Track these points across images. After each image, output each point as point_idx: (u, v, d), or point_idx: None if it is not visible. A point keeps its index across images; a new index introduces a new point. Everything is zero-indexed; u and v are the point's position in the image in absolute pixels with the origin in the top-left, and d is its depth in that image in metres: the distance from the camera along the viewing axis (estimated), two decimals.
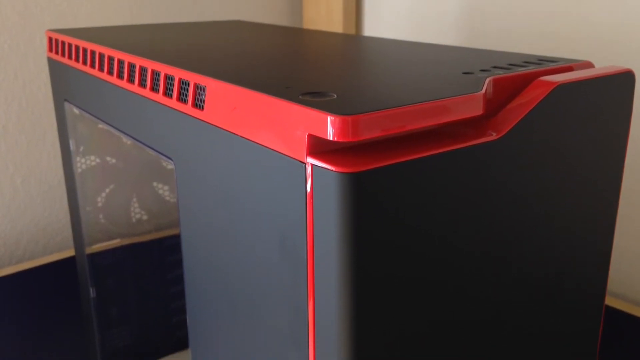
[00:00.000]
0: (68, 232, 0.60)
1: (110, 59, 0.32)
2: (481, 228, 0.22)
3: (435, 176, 0.20)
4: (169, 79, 0.27)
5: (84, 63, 0.35)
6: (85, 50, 0.35)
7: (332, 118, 0.18)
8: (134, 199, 0.45)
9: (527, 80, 0.23)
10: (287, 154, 0.20)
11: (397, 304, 0.20)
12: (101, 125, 0.41)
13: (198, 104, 0.25)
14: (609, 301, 0.48)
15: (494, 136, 0.21)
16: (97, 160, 0.42)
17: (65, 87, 0.39)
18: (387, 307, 0.20)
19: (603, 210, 0.27)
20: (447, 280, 0.21)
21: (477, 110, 0.21)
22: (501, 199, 0.22)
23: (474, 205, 0.21)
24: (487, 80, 0.22)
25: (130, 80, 0.30)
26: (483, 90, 0.21)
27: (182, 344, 0.49)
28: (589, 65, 0.26)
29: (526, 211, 0.23)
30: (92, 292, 0.43)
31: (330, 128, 0.18)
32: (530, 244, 0.24)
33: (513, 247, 0.23)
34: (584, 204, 0.26)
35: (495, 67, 0.25)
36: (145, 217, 0.46)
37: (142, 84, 0.29)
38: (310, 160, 0.19)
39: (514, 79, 0.23)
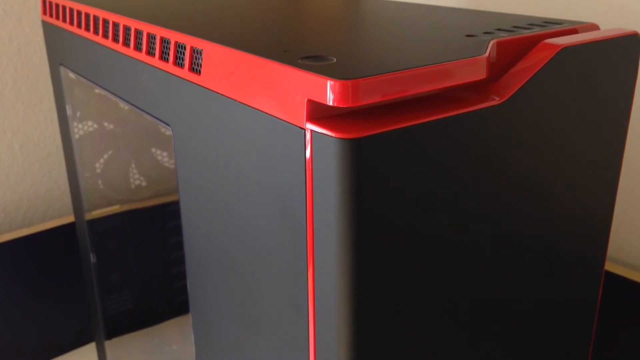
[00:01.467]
0: (68, 199, 0.60)
1: (105, 21, 0.31)
2: (482, 193, 0.22)
3: (437, 142, 0.20)
4: (164, 42, 0.26)
5: (79, 26, 0.34)
6: (79, 12, 0.34)
7: (332, 83, 0.18)
8: (133, 165, 0.45)
9: (531, 43, 0.23)
10: (286, 119, 0.20)
11: (396, 269, 0.20)
12: (98, 90, 0.40)
13: (195, 68, 0.24)
14: (607, 266, 0.48)
15: (497, 101, 0.21)
16: (95, 125, 0.42)
17: (60, 51, 0.38)
18: (386, 272, 0.20)
19: (605, 175, 0.26)
20: (447, 247, 0.21)
21: (480, 74, 0.21)
22: (503, 165, 0.22)
23: (475, 170, 0.21)
24: (491, 43, 0.22)
25: (126, 43, 0.29)
26: (486, 54, 0.21)
27: (182, 309, 0.49)
28: (594, 27, 0.25)
29: (528, 176, 0.23)
30: (92, 258, 0.43)
31: (329, 93, 0.18)
32: (532, 210, 0.24)
33: (515, 213, 0.23)
34: (587, 168, 0.25)
35: (499, 29, 0.25)
36: (144, 184, 0.46)
37: (137, 47, 0.28)
38: (309, 126, 0.19)
39: (518, 41, 0.23)
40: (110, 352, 0.47)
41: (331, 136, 0.18)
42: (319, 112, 0.19)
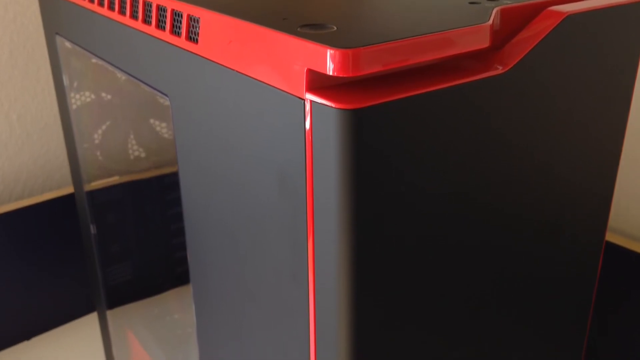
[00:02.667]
0: (67, 170, 0.60)
1: None
2: (484, 164, 0.22)
3: (439, 112, 0.19)
4: (161, 10, 0.26)
5: None
6: None
7: (332, 52, 0.17)
8: (132, 136, 0.44)
9: (535, 11, 0.22)
10: (285, 89, 0.19)
11: (396, 239, 0.20)
12: (95, 60, 0.40)
13: (192, 37, 0.24)
14: (608, 236, 0.48)
15: (500, 70, 0.21)
16: (92, 96, 0.41)
17: (55, 19, 0.38)
18: (386, 243, 0.20)
19: (608, 145, 0.26)
20: (448, 217, 0.21)
21: (483, 42, 0.20)
22: (506, 135, 0.22)
23: (477, 140, 0.21)
24: (495, 10, 0.21)
25: (121, 11, 0.29)
26: (490, 21, 0.20)
27: (183, 279, 0.50)
28: None
29: (531, 147, 0.23)
30: (92, 229, 0.43)
31: (329, 62, 0.18)
32: (534, 181, 0.24)
33: (517, 183, 0.23)
34: (590, 138, 0.25)
35: None
36: (143, 155, 0.45)
37: (133, 15, 0.28)
38: (309, 97, 0.18)
39: (522, 9, 0.22)
40: (112, 322, 0.47)
41: (331, 107, 0.18)
42: (318, 82, 0.19)
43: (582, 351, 0.30)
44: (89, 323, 0.60)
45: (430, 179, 0.20)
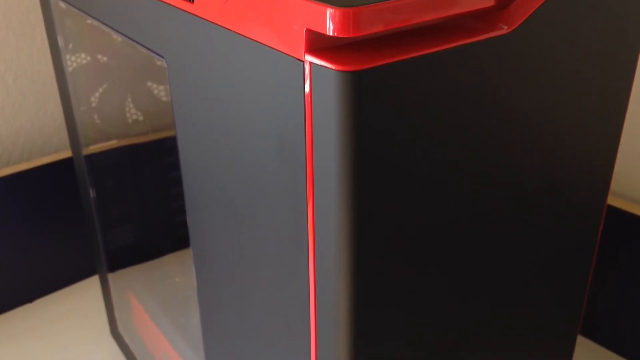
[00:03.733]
0: (65, 133, 0.60)
1: None
2: (488, 127, 0.21)
3: (441, 74, 0.19)
4: None
5: None
6: None
7: (332, 11, 0.17)
8: (129, 99, 0.44)
9: None
10: (284, 51, 0.19)
11: (397, 204, 0.20)
12: (90, 21, 0.39)
13: None
14: (609, 200, 0.48)
15: (505, 29, 0.20)
16: (88, 58, 0.40)
17: None
18: (387, 207, 0.20)
19: (612, 108, 0.26)
20: (449, 181, 0.21)
21: (488, 0, 0.20)
22: (510, 97, 0.21)
23: (480, 103, 0.21)
24: None
25: None
26: None
27: (184, 243, 0.50)
28: None
29: (535, 109, 0.22)
30: (91, 193, 0.43)
31: (329, 22, 0.17)
32: (538, 144, 0.23)
33: (520, 146, 0.23)
34: (594, 101, 0.25)
35: None
36: (141, 118, 0.45)
37: None
38: (308, 58, 0.18)
39: None
40: (114, 285, 0.48)
41: (331, 69, 0.17)
42: (318, 43, 0.18)
43: (580, 314, 0.30)
44: (91, 286, 0.60)
45: (431, 142, 0.20)
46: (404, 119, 0.19)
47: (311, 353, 0.22)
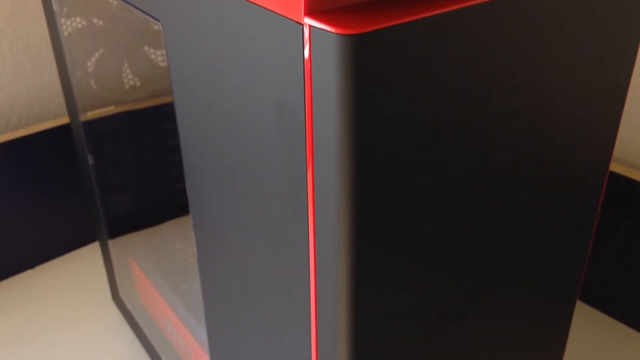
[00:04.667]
0: (62, 99, 0.59)
1: None
2: (488, 92, 0.21)
3: (445, 37, 0.18)
4: None
5: None
6: None
7: None
8: (125, 65, 0.43)
9: None
10: (282, 14, 0.18)
11: (397, 169, 0.20)
12: None
13: None
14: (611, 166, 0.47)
15: None
16: (83, 22, 0.40)
17: None
18: (387, 172, 0.19)
19: (617, 74, 0.25)
20: (450, 147, 0.21)
21: None
22: (511, 62, 0.21)
23: (481, 67, 0.20)
24: None
25: None
26: None
27: (183, 210, 0.50)
28: None
29: (537, 75, 0.22)
30: (90, 160, 0.43)
31: None
32: (540, 109, 0.23)
33: (522, 112, 0.22)
34: (598, 66, 0.24)
35: None
36: (138, 84, 0.44)
37: None
38: (308, 21, 0.17)
39: None
40: (114, 251, 0.48)
41: (331, 32, 0.17)
42: (318, 5, 0.17)
43: (580, 279, 0.30)
44: (92, 252, 0.60)
45: (433, 106, 0.19)
46: (404, 84, 0.18)
47: (311, 319, 0.22)
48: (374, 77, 0.17)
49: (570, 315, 0.31)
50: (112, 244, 0.47)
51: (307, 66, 0.18)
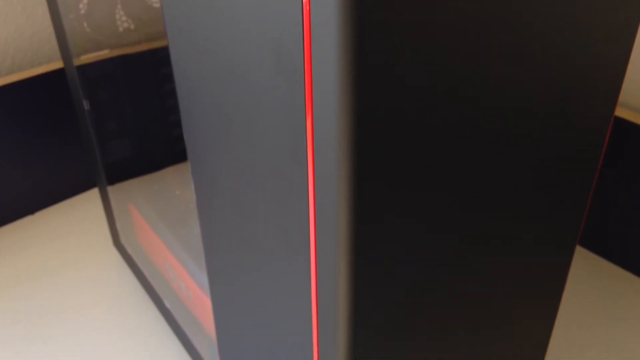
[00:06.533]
0: (55, 42, 0.58)
1: None
2: (490, 33, 0.20)
3: None
4: None
5: None
6: None
7: None
8: (119, 6, 0.42)
9: None
10: None
11: (401, 112, 0.19)
12: None
13: None
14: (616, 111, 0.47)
15: None
16: None
17: None
18: (390, 115, 0.19)
19: (627, 13, 0.24)
20: (454, 89, 0.20)
21: None
22: (516, 3, 0.20)
23: (484, 6, 0.19)
24: None
25: None
26: None
27: (182, 156, 0.49)
28: None
29: (541, 15, 0.21)
30: (85, 105, 0.42)
31: None
32: (546, 49, 0.22)
33: (527, 53, 0.22)
34: (606, 9, 0.23)
35: None
36: (132, 27, 0.43)
37: None
38: None
39: None
40: (114, 197, 0.48)
41: None
42: None
43: (580, 224, 0.30)
44: (93, 198, 0.60)
45: (436, 47, 0.19)
46: (406, 24, 0.18)
47: (311, 264, 0.22)
48: (375, 18, 0.17)
49: (569, 259, 0.31)
50: (112, 190, 0.47)
51: (306, 7, 0.17)
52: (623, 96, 0.50)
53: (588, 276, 0.51)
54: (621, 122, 0.47)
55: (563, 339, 0.45)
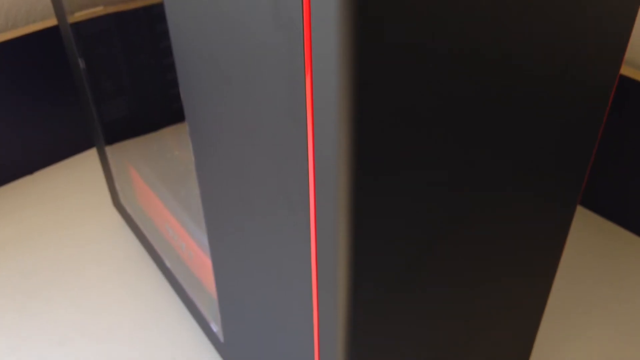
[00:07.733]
0: None
1: None
2: (495, 8, 0.20)
3: None
4: None
5: None
6: None
7: None
8: None
9: None
10: None
11: (401, 67, 0.19)
12: None
13: None
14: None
15: None
16: None
17: None
18: (391, 75, 0.19)
19: None
20: (456, 64, 0.20)
21: None
22: None
23: None
24: None
25: None
26: None
27: (180, 116, 0.49)
28: None
29: None
30: (81, 64, 0.42)
31: None
32: (547, 16, 0.22)
33: (532, 15, 0.21)
34: None
35: None
36: None
37: None
38: None
39: None
40: (113, 158, 0.47)
41: None
42: None
43: (582, 183, 0.30)
44: (92, 158, 0.60)
45: (438, 21, 0.18)
46: None
47: (311, 225, 0.22)
48: None
49: (570, 219, 0.31)
50: (110, 150, 0.47)
51: None
52: (629, 53, 0.49)
53: (588, 235, 0.51)
54: (623, 80, 0.46)
55: (562, 297, 0.46)
